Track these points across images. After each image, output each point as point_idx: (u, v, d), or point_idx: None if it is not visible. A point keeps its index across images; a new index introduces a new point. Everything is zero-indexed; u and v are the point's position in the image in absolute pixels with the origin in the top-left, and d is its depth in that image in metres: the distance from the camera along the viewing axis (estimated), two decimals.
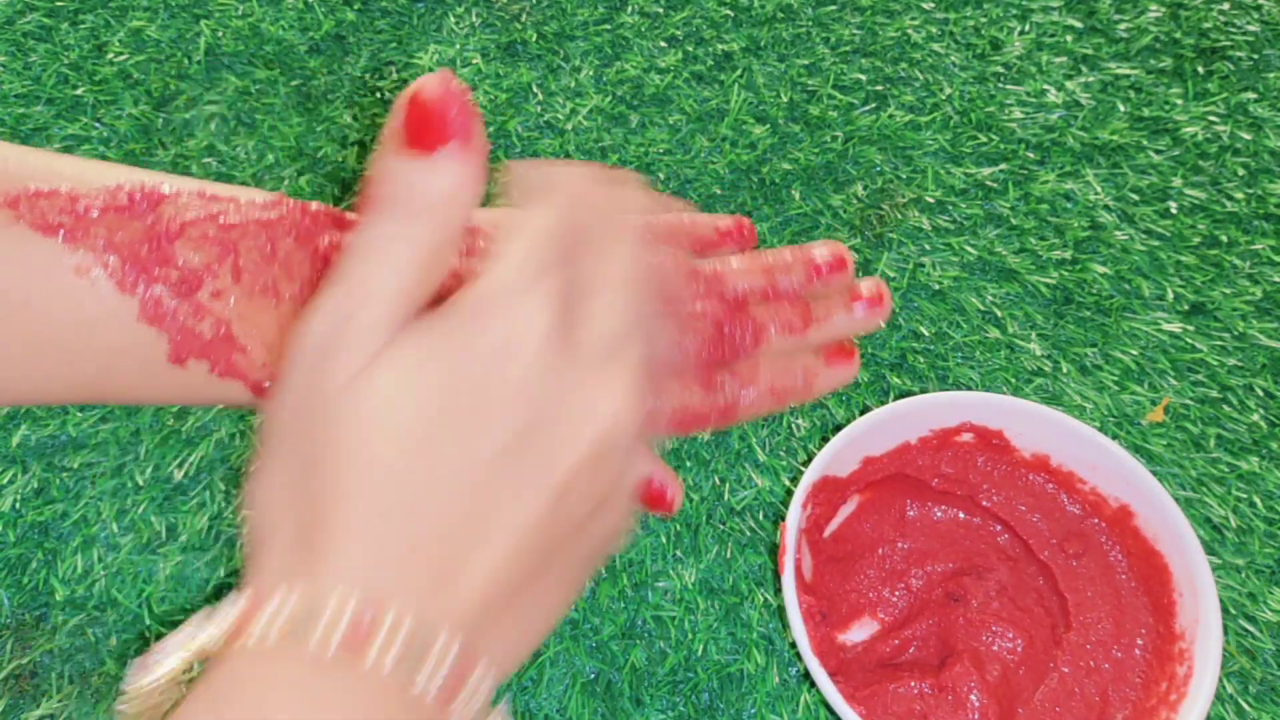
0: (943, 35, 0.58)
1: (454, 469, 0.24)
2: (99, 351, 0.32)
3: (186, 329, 0.32)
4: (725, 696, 0.39)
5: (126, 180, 0.33)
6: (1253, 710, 0.39)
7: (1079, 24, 0.58)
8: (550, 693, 0.39)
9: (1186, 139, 0.54)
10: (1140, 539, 0.38)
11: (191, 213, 0.33)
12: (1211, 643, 0.35)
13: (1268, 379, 0.46)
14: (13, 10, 0.57)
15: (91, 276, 0.31)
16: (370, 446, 0.23)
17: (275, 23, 0.57)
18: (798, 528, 0.37)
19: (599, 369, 0.25)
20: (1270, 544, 0.42)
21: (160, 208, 0.33)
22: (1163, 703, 0.35)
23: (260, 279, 0.33)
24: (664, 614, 0.41)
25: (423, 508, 0.23)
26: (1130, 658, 0.37)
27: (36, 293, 0.31)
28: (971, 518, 0.42)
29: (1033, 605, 0.40)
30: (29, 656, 0.40)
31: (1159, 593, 0.37)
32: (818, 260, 0.41)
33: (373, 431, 0.23)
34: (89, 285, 0.31)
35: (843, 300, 0.41)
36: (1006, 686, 0.37)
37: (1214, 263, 0.50)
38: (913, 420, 0.40)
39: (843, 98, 0.55)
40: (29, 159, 0.32)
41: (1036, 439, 0.39)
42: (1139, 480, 0.38)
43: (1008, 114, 0.54)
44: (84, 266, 0.31)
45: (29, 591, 0.41)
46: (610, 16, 0.58)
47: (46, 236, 0.31)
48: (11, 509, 0.42)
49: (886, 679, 0.37)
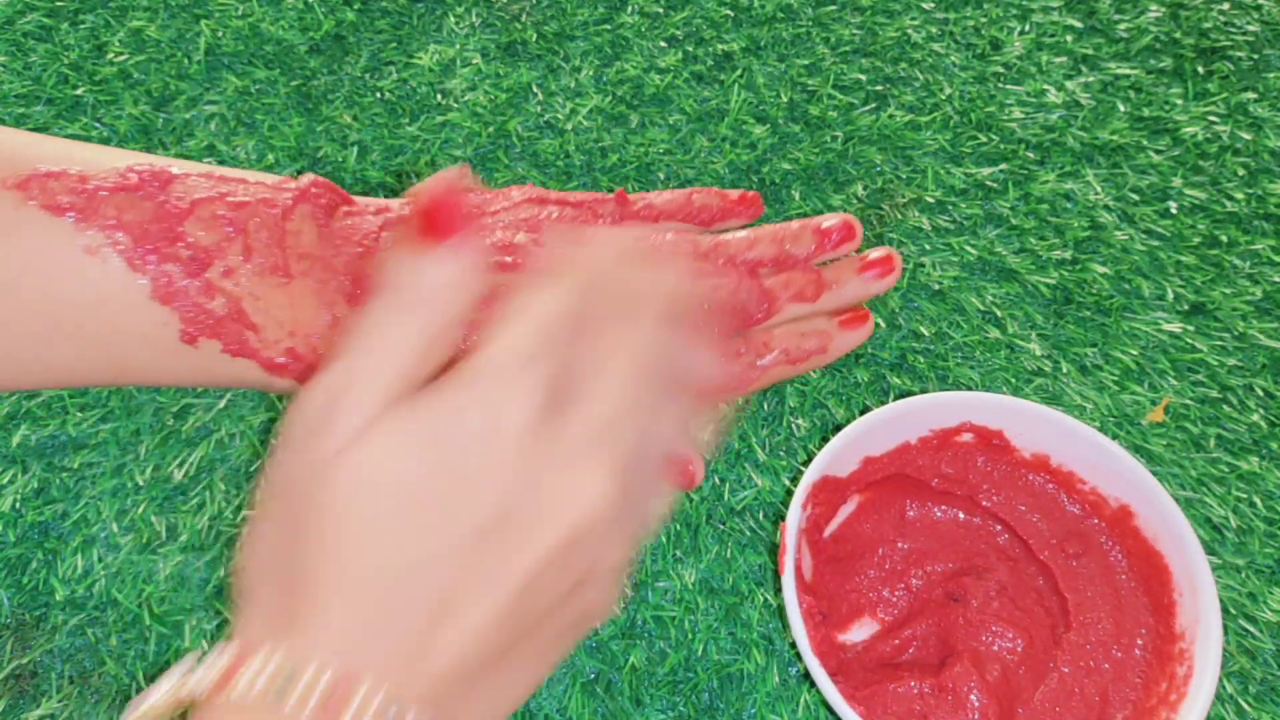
0: (943, 35, 0.58)
1: (431, 545, 0.24)
2: (111, 331, 0.32)
3: (198, 306, 0.32)
4: (725, 696, 0.39)
5: (136, 162, 0.33)
6: (1253, 710, 0.39)
7: (1079, 24, 0.58)
8: (550, 693, 0.39)
9: (1186, 139, 0.54)
10: (1140, 539, 0.38)
11: (201, 192, 0.33)
12: (1211, 643, 0.35)
13: (1268, 379, 0.46)
14: (13, 10, 0.57)
15: (102, 255, 0.31)
16: (352, 516, 0.24)
17: (275, 23, 0.57)
18: (798, 528, 0.37)
19: (582, 456, 0.25)
20: (1270, 544, 0.42)
21: (170, 187, 0.33)
22: (1163, 703, 0.35)
23: (270, 258, 0.33)
24: (664, 614, 0.41)
25: (399, 579, 0.24)
26: (1130, 658, 0.37)
27: (48, 273, 0.31)
28: (971, 518, 0.42)
29: (1033, 605, 0.40)
30: (29, 656, 0.40)
31: (1159, 593, 0.37)
32: (826, 228, 0.41)
33: (355, 502, 0.24)
34: (100, 264, 0.31)
35: (853, 267, 0.41)
36: (1006, 686, 0.37)
37: (1214, 263, 0.50)
38: (913, 420, 0.40)
39: (843, 98, 0.55)
40: (42, 146, 0.32)
41: (1037, 439, 0.39)
42: (1139, 480, 0.38)
43: (1008, 114, 0.54)
44: (94, 246, 0.31)
45: (29, 591, 0.41)
46: (610, 16, 0.58)
47: (57, 217, 0.31)
48: (11, 509, 0.42)
49: (886, 679, 0.37)
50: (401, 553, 0.24)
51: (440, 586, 0.24)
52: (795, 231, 0.41)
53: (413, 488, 0.24)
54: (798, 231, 0.41)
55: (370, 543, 0.24)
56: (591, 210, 0.39)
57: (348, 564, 0.24)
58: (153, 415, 0.45)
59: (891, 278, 0.41)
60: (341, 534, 0.24)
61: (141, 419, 0.45)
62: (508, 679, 0.26)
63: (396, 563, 0.24)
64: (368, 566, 0.24)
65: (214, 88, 0.54)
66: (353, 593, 0.23)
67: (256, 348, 0.33)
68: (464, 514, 0.24)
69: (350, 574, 0.24)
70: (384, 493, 0.24)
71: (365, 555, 0.24)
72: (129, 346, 0.32)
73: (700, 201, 0.42)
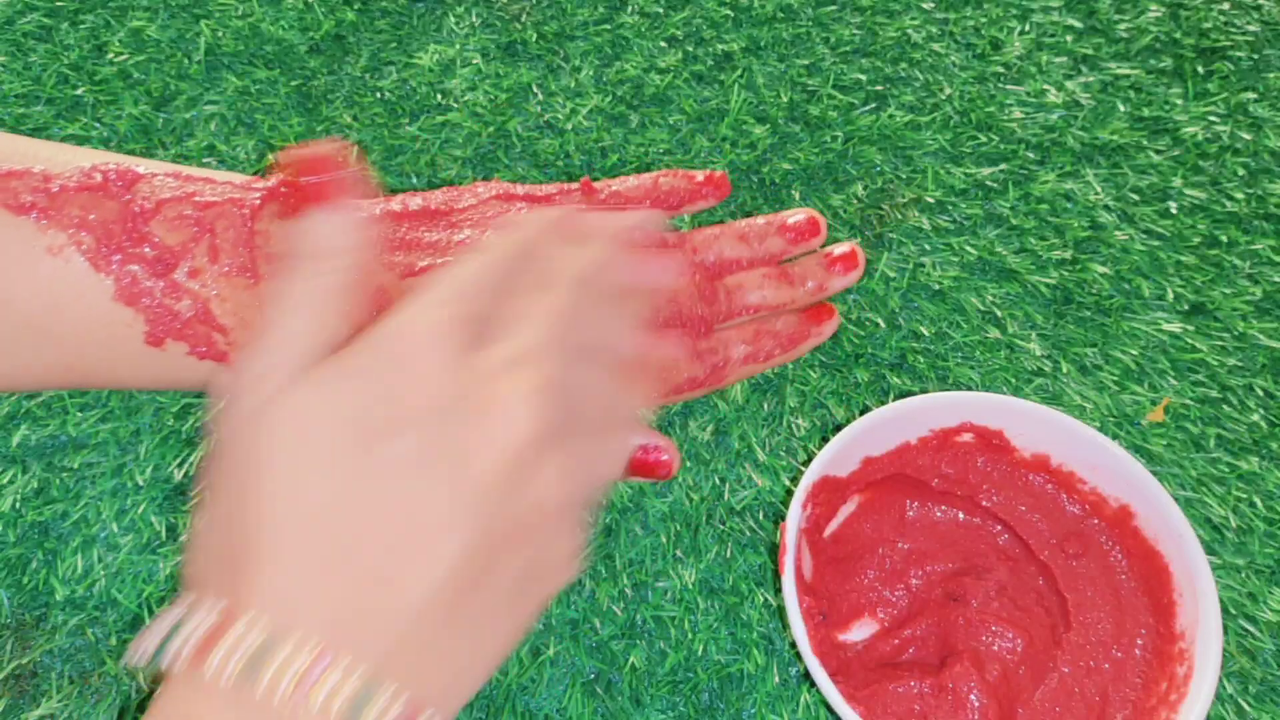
0: (943, 35, 0.58)
1: (360, 491, 0.23)
2: (75, 333, 0.31)
3: (164, 308, 0.31)
4: (725, 696, 0.39)
5: (101, 161, 0.33)
6: (1253, 710, 0.39)
7: (1079, 24, 0.58)
8: (550, 693, 0.39)
9: (1186, 139, 0.54)
10: (1140, 539, 0.38)
11: (167, 192, 0.33)
12: (1211, 643, 0.35)
13: (1268, 379, 0.46)
14: (13, 10, 0.57)
15: (65, 255, 0.30)
16: (277, 470, 0.23)
17: (275, 23, 0.57)
18: (798, 527, 0.37)
19: (504, 379, 0.25)
20: (1270, 544, 0.42)
21: (135, 187, 0.32)
22: (1163, 703, 0.35)
23: (238, 258, 0.33)
24: (664, 614, 0.41)
25: (333, 532, 0.23)
26: (1130, 658, 0.37)
27: (8, 273, 0.30)
28: (971, 518, 0.42)
29: (1033, 605, 0.40)
30: (29, 656, 0.40)
31: (1159, 593, 0.37)
32: (791, 224, 0.42)
33: (279, 455, 0.24)
34: (64, 264, 0.30)
35: (819, 263, 0.42)
36: (1006, 686, 0.37)
37: (1214, 263, 0.50)
38: (913, 420, 0.40)
39: (843, 98, 0.55)
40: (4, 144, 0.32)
41: (1036, 439, 0.39)
42: (1139, 480, 0.38)
43: (1008, 114, 0.54)
44: (58, 246, 0.30)
45: (29, 591, 0.41)
46: (610, 16, 0.58)
47: (19, 216, 0.30)
48: (11, 509, 0.42)
49: (886, 679, 0.37)
50: (331, 503, 0.23)
51: (378, 536, 0.23)
52: (761, 228, 0.42)
53: (334, 434, 0.24)
54: (763, 228, 0.42)
55: (297, 495, 0.23)
56: (559, 202, 0.39)
57: (279, 521, 0.23)
58: (153, 415, 0.45)
59: (856, 273, 0.42)
60: (270, 489, 0.23)
61: (141, 419, 0.45)
62: (472, 636, 0.24)
63: (327, 514, 0.23)
64: (298, 521, 0.23)
65: (214, 88, 0.54)
66: (290, 550, 0.23)
67: (225, 350, 0.32)
68: (390, 454, 0.24)
69: (283, 532, 0.23)
70: (306, 443, 0.24)
71: (294, 509, 0.23)
72: (94, 348, 0.32)
73: (667, 185, 0.42)
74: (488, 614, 0.25)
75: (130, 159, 0.33)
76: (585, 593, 0.41)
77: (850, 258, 0.42)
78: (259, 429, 0.24)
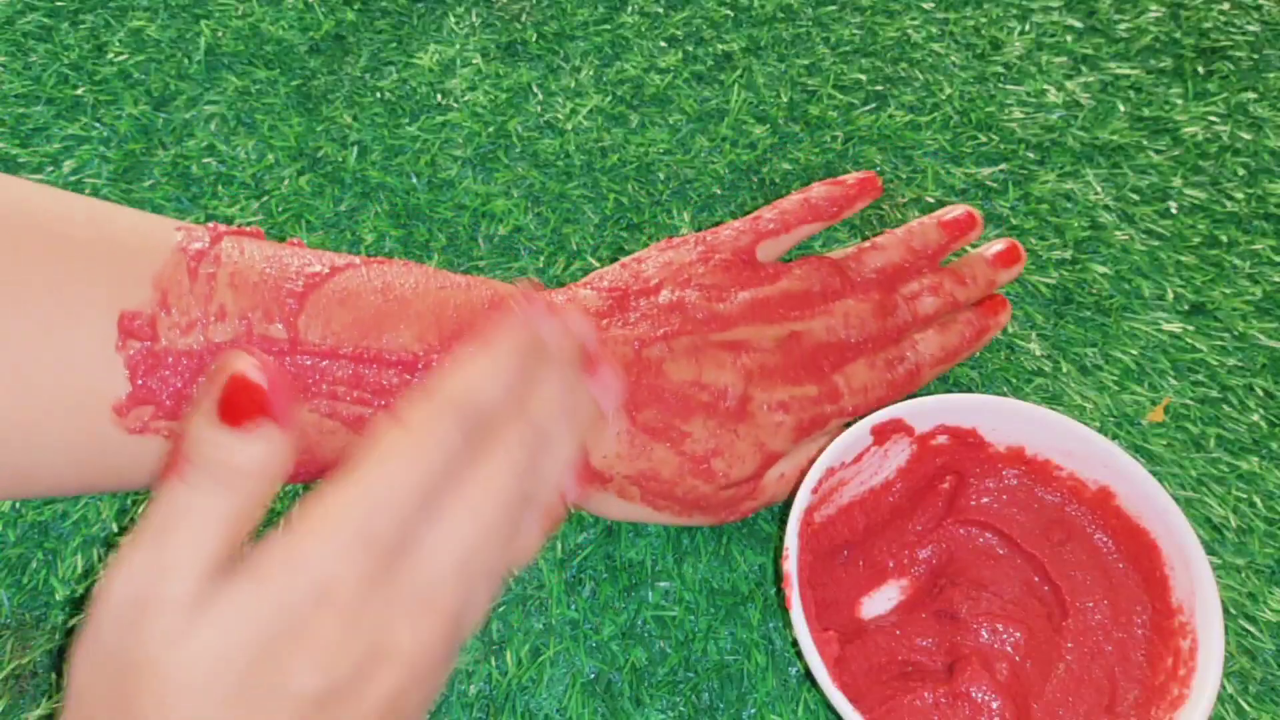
0: (943, 35, 0.58)
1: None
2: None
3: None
4: (725, 696, 0.39)
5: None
6: (1253, 710, 0.39)
7: (1079, 24, 0.58)
8: (550, 693, 0.39)
9: (1186, 139, 0.54)
10: (1124, 518, 0.38)
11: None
12: (1211, 612, 0.34)
13: (1268, 379, 0.46)
14: (13, 10, 0.57)
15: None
16: (188, 709, 0.23)
17: (275, 23, 0.57)
18: (799, 525, 0.37)
19: (408, 613, 0.25)
20: (1270, 544, 0.42)
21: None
22: (1172, 678, 0.35)
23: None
24: (664, 614, 0.41)
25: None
26: (1132, 637, 0.37)
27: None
28: (956, 519, 0.42)
29: (1027, 598, 0.40)
30: (29, 656, 0.40)
31: (1150, 569, 0.37)
32: (949, 219, 0.44)
33: (194, 696, 0.23)
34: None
35: (983, 261, 0.44)
36: (1017, 683, 0.37)
37: (1214, 263, 0.50)
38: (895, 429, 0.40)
39: (843, 98, 0.55)
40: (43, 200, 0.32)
41: (1009, 432, 0.40)
42: (1115, 460, 0.38)
43: (1008, 114, 0.54)
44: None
45: (29, 591, 0.41)
46: (610, 16, 0.58)
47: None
48: (11, 509, 0.42)
49: (900, 693, 0.37)
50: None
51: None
52: (921, 228, 0.43)
53: (238, 679, 0.24)
54: (924, 229, 0.43)
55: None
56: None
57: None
58: None
59: (1018, 266, 0.44)
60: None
61: None
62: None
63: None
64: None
65: (214, 88, 0.54)
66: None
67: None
68: (292, 693, 0.24)
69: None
70: (218, 683, 0.23)
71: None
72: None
73: (818, 198, 0.43)
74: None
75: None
76: (585, 593, 0.41)
77: (1010, 253, 0.44)
78: (163, 663, 0.23)
